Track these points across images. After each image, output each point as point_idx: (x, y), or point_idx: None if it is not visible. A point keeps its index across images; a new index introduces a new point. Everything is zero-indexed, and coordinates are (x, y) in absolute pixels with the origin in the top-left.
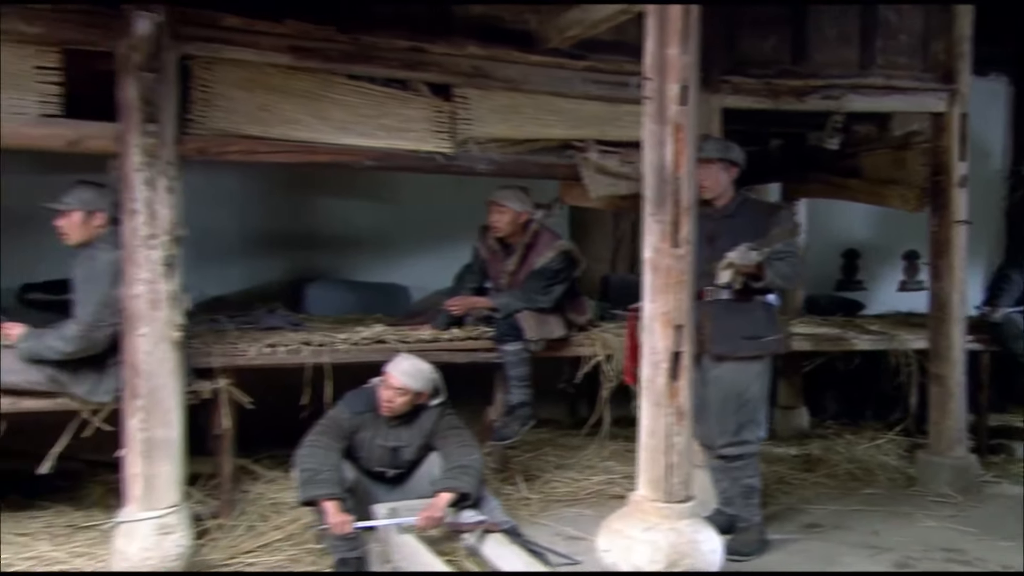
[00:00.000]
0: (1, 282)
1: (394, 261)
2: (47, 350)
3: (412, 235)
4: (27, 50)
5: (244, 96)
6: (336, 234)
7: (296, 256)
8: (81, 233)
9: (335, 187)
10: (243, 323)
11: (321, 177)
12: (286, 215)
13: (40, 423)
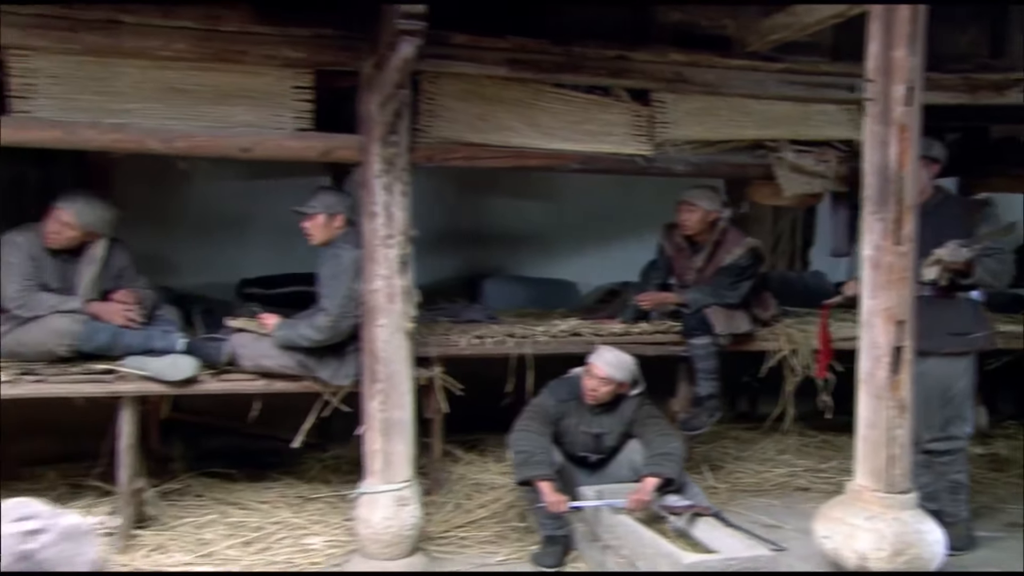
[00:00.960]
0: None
1: (559, 257)
2: (300, 338)
3: (575, 232)
4: (287, 72)
5: (463, 106)
6: (506, 232)
7: (471, 253)
8: (323, 234)
9: (505, 187)
10: (444, 316)
11: (491, 178)
12: (461, 214)
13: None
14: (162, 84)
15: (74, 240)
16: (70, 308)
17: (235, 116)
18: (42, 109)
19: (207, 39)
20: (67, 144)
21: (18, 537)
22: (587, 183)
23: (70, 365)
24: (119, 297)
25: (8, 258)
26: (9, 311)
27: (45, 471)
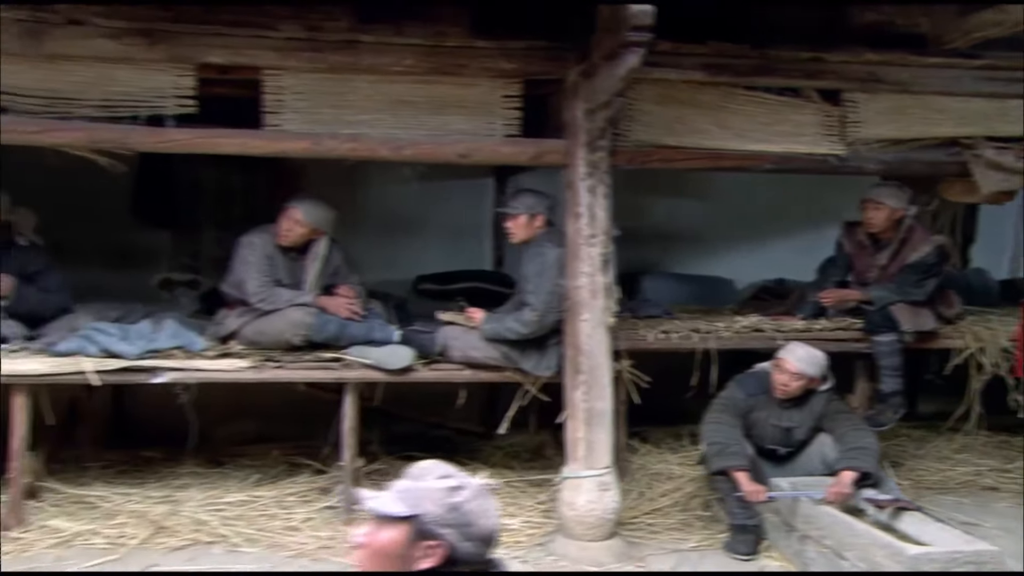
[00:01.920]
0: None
1: (713, 254)
2: (507, 331)
3: (730, 229)
4: (498, 82)
5: (660, 110)
6: (662, 229)
7: (629, 250)
8: (525, 233)
9: (662, 185)
10: (624, 311)
11: (649, 176)
12: (620, 211)
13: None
14: (390, 97)
15: (303, 237)
16: (304, 302)
17: (452, 124)
18: (289, 123)
19: (432, 54)
20: (313, 153)
21: (445, 491)
22: (741, 181)
23: (303, 353)
24: (343, 292)
25: (248, 257)
26: (248, 304)
27: (266, 449)
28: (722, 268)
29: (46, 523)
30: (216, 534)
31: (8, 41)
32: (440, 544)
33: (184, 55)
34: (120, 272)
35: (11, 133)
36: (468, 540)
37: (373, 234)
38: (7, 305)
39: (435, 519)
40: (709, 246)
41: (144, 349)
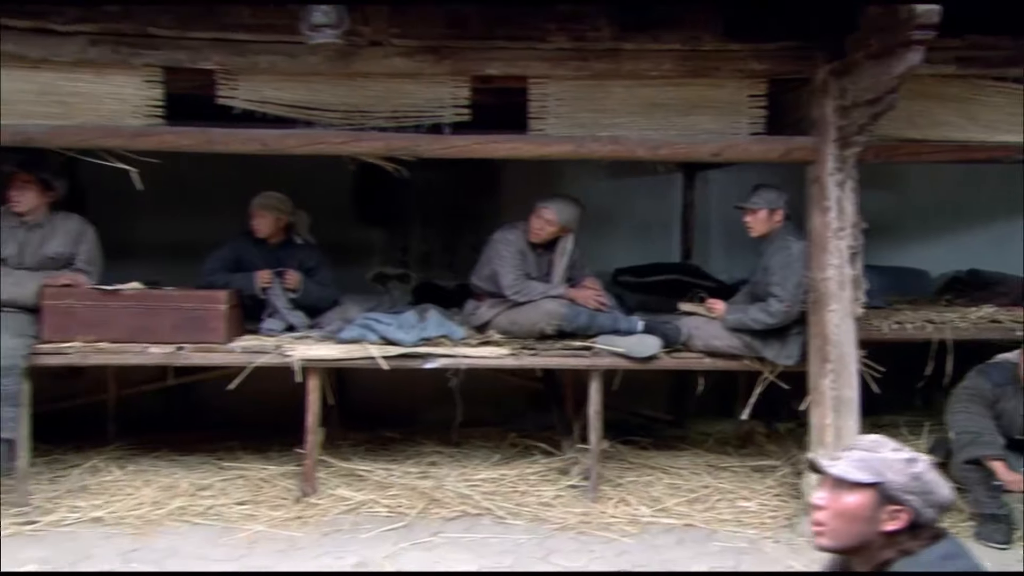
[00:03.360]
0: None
1: (903, 245)
2: (752, 322)
3: (922, 221)
4: (745, 82)
5: (904, 104)
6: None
7: None
8: (764, 227)
9: None
10: None
11: None
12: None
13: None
14: (644, 100)
15: (552, 235)
16: (556, 294)
17: (700, 124)
18: (552, 127)
19: (688, 58)
20: (576, 155)
21: (905, 462)
22: (932, 172)
23: (553, 342)
24: (590, 284)
25: (503, 252)
26: (500, 296)
27: (499, 432)
28: (912, 259)
29: (333, 492)
30: (481, 507)
31: (321, 63)
32: (905, 509)
33: (466, 68)
34: (337, 267)
35: (320, 144)
36: (930, 507)
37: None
38: (294, 297)
39: (900, 487)
40: (899, 237)
41: (418, 337)
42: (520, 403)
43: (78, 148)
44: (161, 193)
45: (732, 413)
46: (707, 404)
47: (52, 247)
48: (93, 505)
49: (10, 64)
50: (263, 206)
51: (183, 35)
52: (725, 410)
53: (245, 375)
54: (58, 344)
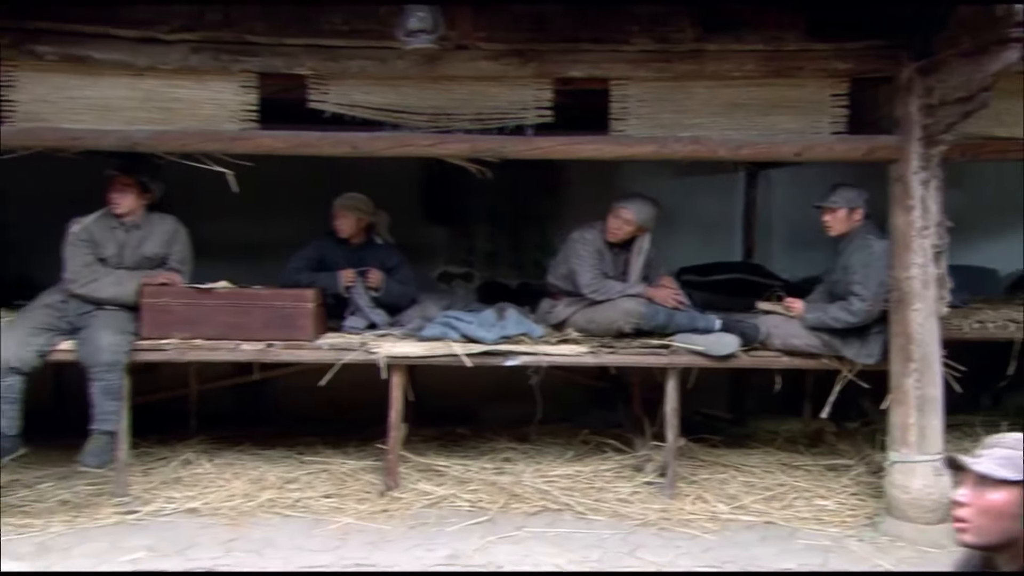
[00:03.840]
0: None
1: (971, 243)
2: (832, 320)
3: (989, 219)
4: (826, 82)
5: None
6: None
7: None
8: (843, 226)
9: None
10: None
11: None
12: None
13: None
14: (724, 100)
15: (630, 235)
16: (635, 292)
17: (780, 124)
18: (633, 128)
19: (772, 59)
20: (658, 155)
21: None
22: (1000, 169)
23: (631, 340)
24: (667, 283)
25: (580, 252)
26: (576, 295)
27: (569, 429)
28: (979, 257)
29: (414, 486)
30: (560, 503)
31: (410, 67)
32: None
33: (550, 71)
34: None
35: (408, 146)
36: None
37: None
38: (376, 296)
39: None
40: (967, 235)
41: (499, 335)
42: (581, 401)
43: (179, 152)
44: (230, 194)
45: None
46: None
47: (149, 247)
48: (187, 496)
49: (117, 72)
50: (345, 207)
51: (279, 42)
52: (785, 408)
53: (333, 372)
54: (156, 341)
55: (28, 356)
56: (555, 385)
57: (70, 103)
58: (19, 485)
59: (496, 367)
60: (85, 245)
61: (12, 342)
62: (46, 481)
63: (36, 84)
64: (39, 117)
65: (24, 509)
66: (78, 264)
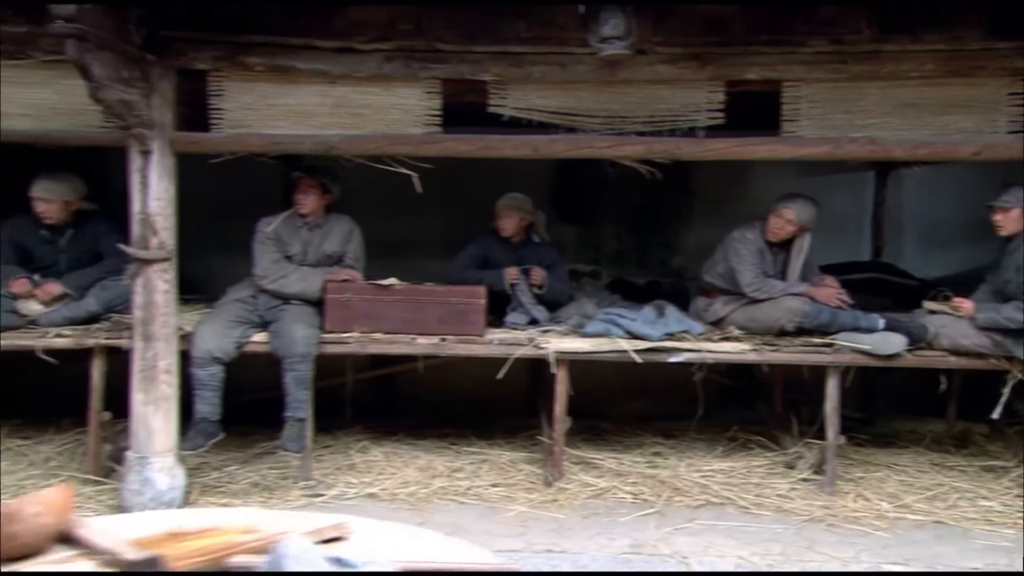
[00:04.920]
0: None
1: None
2: (1006, 320)
3: None
4: (1004, 80)
5: None
6: None
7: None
8: (1016, 225)
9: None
10: None
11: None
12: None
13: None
14: (899, 100)
15: (791, 234)
16: (798, 291)
17: (955, 124)
18: (804, 129)
19: (951, 58)
20: (833, 156)
21: None
22: None
23: (792, 338)
24: (829, 282)
25: (741, 251)
26: (735, 294)
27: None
28: None
29: (575, 477)
30: (722, 496)
31: (589, 72)
32: None
33: (725, 74)
34: None
35: (586, 148)
36: None
37: None
38: (539, 292)
39: None
40: None
41: (662, 332)
42: (710, 398)
43: (369, 155)
44: (371, 194)
45: (925, 411)
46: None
47: (329, 245)
48: (364, 482)
49: (315, 80)
50: (509, 207)
51: (467, 49)
52: (919, 409)
53: (508, 366)
54: (339, 334)
55: (228, 347)
56: (683, 382)
57: (270, 110)
58: (208, 467)
59: (620, 363)
60: (272, 243)
61: (213, 334)
62: (230, 464)
63: (242, 93)
64: (243, 124)
65: (221, 490)
66: (267, 261)
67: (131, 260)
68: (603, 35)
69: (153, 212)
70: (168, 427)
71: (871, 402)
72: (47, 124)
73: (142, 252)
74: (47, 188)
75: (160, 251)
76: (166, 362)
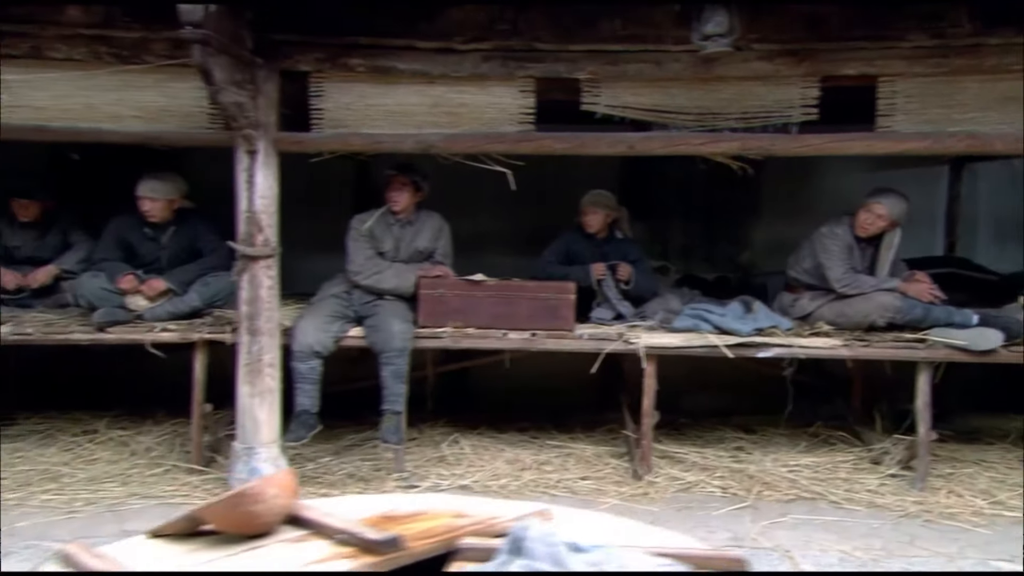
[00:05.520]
0: None
1: None
2: None
3: None
4: None
5: None
6: None
7: None
8: None
9: None
10: None
11: None
12: None
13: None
14: (998, 94)
15: (881, 229)
16: (890, 287)
17: None
18: (900, 124)
19: None
20: (931, 151)
21: None
22: None
23: (883, 333)
24: (921, 277)
25: (830, 247)
26: (822, 289)
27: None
28: None
29: (662, 471)
30: (812, 491)
31: (685, 69)
32: None
33: (821, 70)
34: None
35: (681, 145)
36: None
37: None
38: (626, 288)
39: None
40: None
41: (752, 327)
42: (777, 394)
43: (466, 153)
44: (440, 192)
45: (999, 408)
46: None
47: (421, 242)
48: (455, 474)
49: (413, 81)
50: (595, 203)
51: (563, 48)
52: (992, 405)
53: (600, 361)
54: (432, 329)
55: (327, 341)
56: (745, 377)
57: (369, 110)
58: (302, 459)
59: (684, 358)
60: (366, 240)
61: (313, 328)
62: (322, 456)
63: (342, 94)
64: (342, 124)
65: (319, 480)
66: (361, 258)
67: (235, 257)
68: (705, 32)
69: (258, 210)
70: (272, 419)
71: (946, 399)
72: (158, 126)
73: (248, 249)
74: (153, 187)
75: (265, 248)
76: (270, 356)
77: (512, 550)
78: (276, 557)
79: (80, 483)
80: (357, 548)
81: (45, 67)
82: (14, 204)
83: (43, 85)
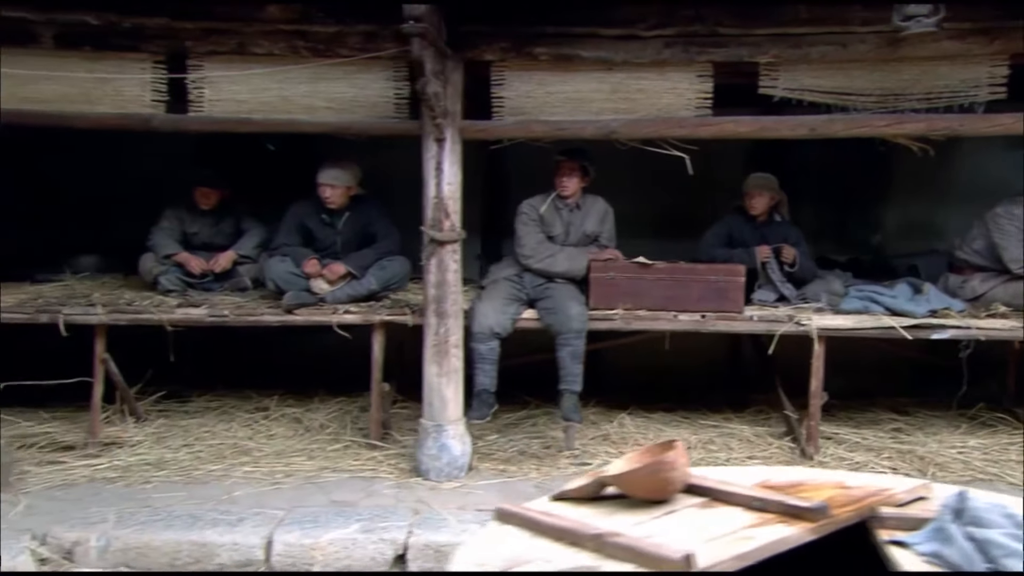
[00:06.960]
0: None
1: None
2: None
3: None
4: None
5: None
6: None
7: None
8: None
9: None
10: None
11: None
12: None
13: None
14: None
15: None
16: None
17: None
18: None
19: None
20: None
21: None
22: None
23: None
24: None
25: (1006, 227)
26: (996, 270)
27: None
28: None
29: (828, 452)
30: (988, 473)
31: (870, 51)
32: None
33: (1014, 47)
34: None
35: (864, 127)
36: None
37: (964, 202)
38: (791, 270)
39: None
40: None
41: (927, 309)
42: (903, 374)
43: (644, 138)
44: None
45: None
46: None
47: (588, 225)
48: (623, 452)
49: (594, 68)
50: (760, 186)
51: (747, 32)
52: None
53: (775, 342)
54: (604, 311)
55: (506, 323)
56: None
57: (548, 97)
58: (471, 436)
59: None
60: (536, 224)
61: (492, 310)
62: (489, 434)
63: (522, 82)
64: (522, 111)
65: (493, 456)
66: (533, 241)
67: (425, 241)
68: (908, 13)
69: (446, 196)
70: (457, 397)
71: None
72: (349, 116)
73: (437, 234)
74: (334, 175)
75: (452, 232)
76: (456, 337)
77: (949, 518)
78: (694, 521)
79: (269, 457)
80: (781, 514)
81: (247, 62)
82: (197, 193)
83: (242, 79)
